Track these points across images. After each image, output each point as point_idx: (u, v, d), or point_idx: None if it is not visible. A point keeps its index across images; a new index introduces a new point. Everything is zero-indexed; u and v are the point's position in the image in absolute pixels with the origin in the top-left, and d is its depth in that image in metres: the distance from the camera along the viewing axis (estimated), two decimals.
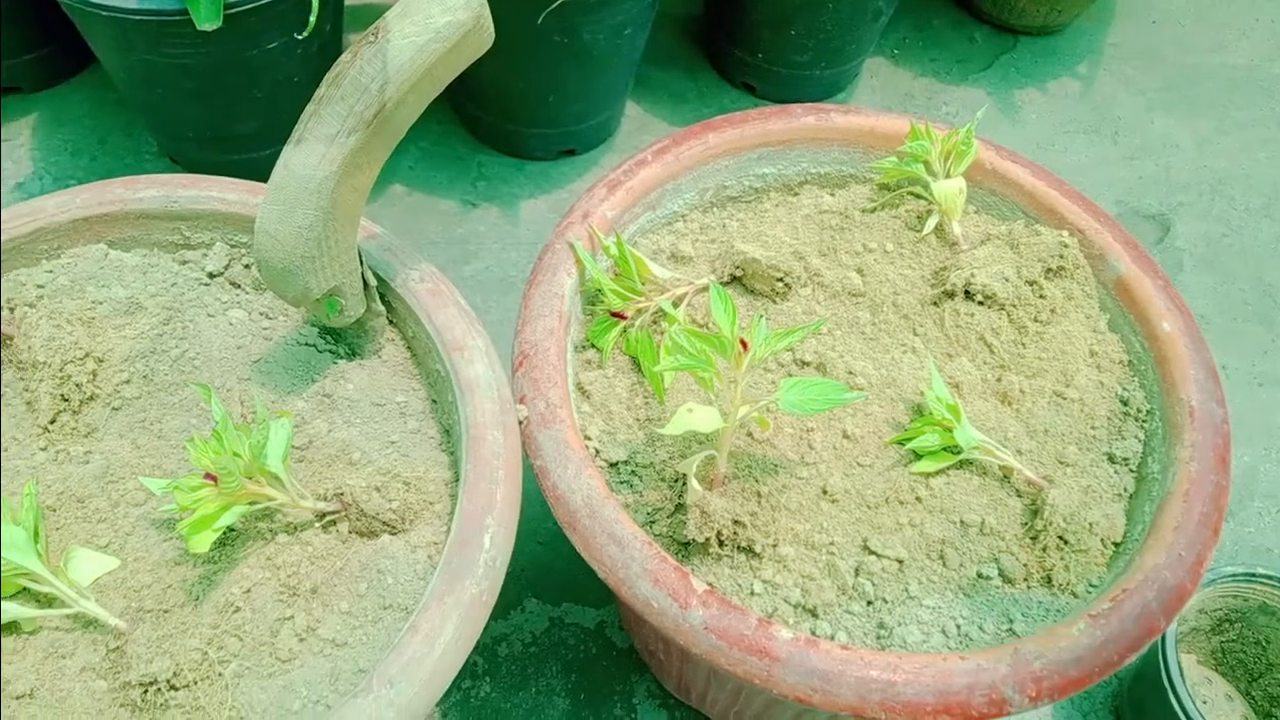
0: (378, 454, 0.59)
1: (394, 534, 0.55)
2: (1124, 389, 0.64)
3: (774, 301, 0.67)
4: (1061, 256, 0.67)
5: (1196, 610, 0.85)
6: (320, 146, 0.50)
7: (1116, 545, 0.58)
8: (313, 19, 0.73)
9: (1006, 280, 0.65)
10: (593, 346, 0.64)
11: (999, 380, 0.63)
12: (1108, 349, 0.66)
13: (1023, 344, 0.64)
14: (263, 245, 0.53)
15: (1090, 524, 0.57)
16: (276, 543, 0.54)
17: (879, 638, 0.54)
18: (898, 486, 0.59)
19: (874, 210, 0.72)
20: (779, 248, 0.69)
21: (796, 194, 0.75)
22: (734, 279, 0.68)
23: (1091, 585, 0.57)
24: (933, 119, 0.73)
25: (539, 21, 0.98)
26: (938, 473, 0.59)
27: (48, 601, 0.51)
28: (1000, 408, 0.62)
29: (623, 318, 0.62)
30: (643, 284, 0.63)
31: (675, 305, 0.65)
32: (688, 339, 0.53)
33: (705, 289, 0.67)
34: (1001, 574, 0.57)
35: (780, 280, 0.67)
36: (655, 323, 0.65)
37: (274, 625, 0.52)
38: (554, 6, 0.96)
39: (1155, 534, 0.56)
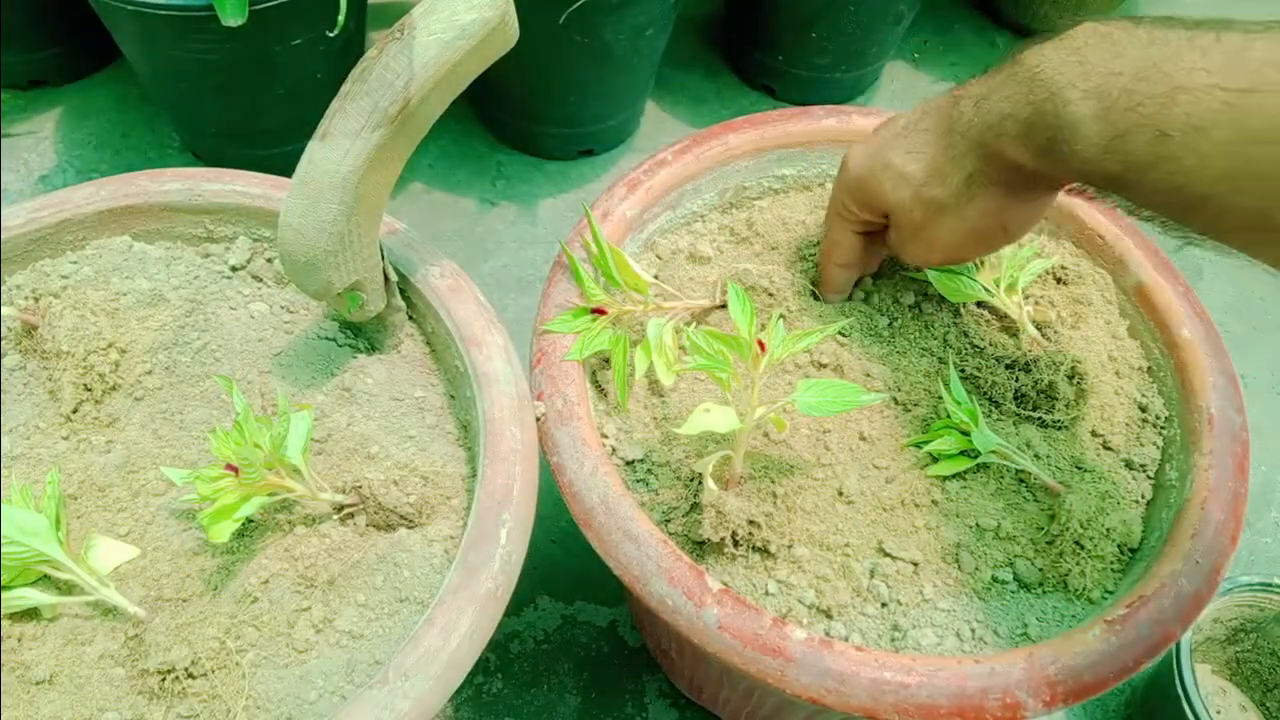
0: (396, 448, 0.59)
1: (411, 527, 0.56)
2: (1143, 395, 0.64)
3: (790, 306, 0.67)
4: (1064, 268, 0.67)
5: (1212, 619, 0.84)
6: (345, 141, 0.50)
7: (1133, 552, 0.58)
8: (342, 18, 0.73)
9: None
10: (546, 331, 0.63)
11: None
12: (1127, 355, 0.66)
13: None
14: (286, 239, 0.54)
15: (1107, 530, 0.57)
16: (295, 534, 0.55)
17: (893, 640, 0.54)
18: (914, 489, 0.59)
19: None
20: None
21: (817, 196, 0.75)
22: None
23: (1107, 591, 0.56)
24: None
25: (560, 21, 0.98)
26: (954, 476, 0.59)
27: (68, 589, 0.52)
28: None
29: (602, 313, 0.62)
30: (626, 285, 0.63)
31: (675, 325, 0.64)
32: (706, 339, 0.54)
33: (705, 309, 0.66)
34: (1017, 578, 0.56)
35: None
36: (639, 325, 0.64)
37: (291, 616, 0.52)
38: (576, 6, 0.96)
39: (1172, 541, 0.55)
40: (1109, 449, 0.62)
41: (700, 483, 0.57)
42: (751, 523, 0.55)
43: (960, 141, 0.54)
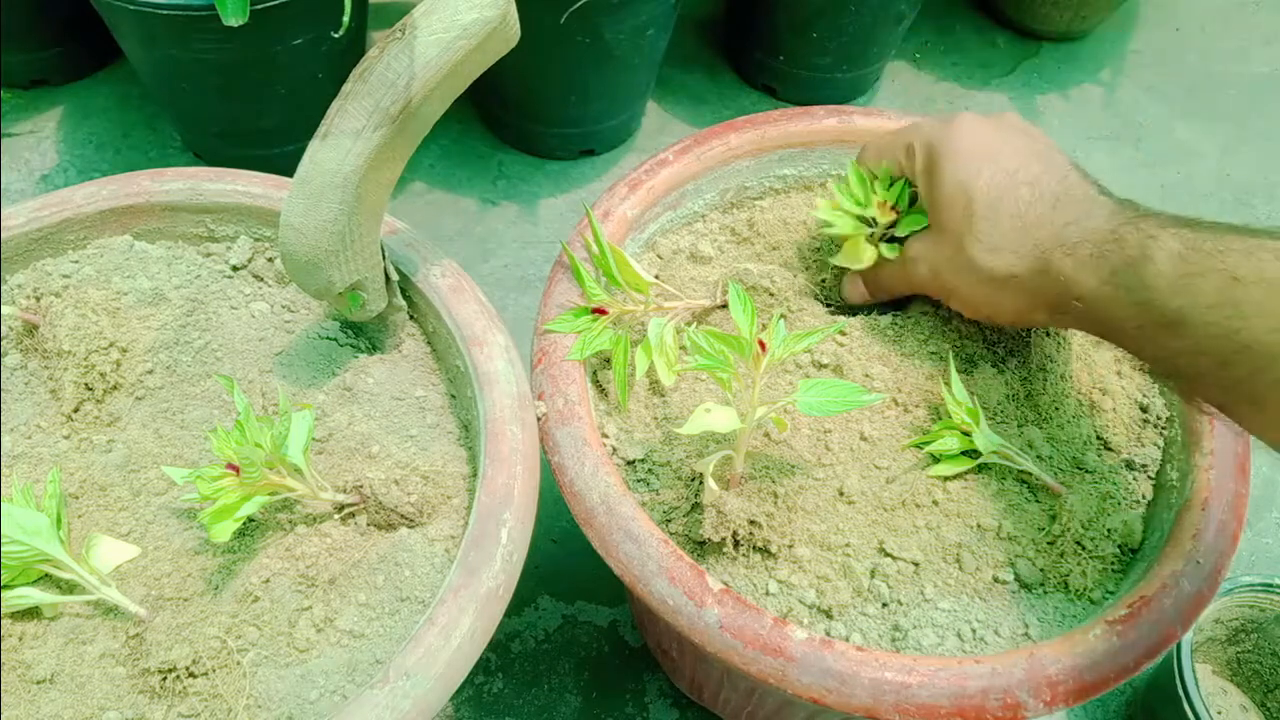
0: (397, 447, 0.59)
1: (412, 527, 0.56)
2: (1144, 396, 0.64)
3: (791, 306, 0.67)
4: None
5: (1213, 620, 0.84)
6: (346, 141, 0.50)
7: (1134, 552, 0.58)
8: (346, 18, 0.73)
9: None
10: (547, 331, 0.63)
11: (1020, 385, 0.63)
12: (1128, 355, 0.65)
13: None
14: (287, 238, 0.54)
15: (1108, 530, 0.57)
16: (296, 534, 0.55)
17: (894, 640, 0.54)
18: (915, 489, 0.59)
19: None
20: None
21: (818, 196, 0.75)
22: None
23: (1109, 591, 0.56)
24: None
25: (561, 21, 0.98)
26: (955, 476, 0.59)
27: (69, 588, 0.52)
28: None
29: (603, 312, 0.62)
30: (627, 285, 0.63)
31: (676, 324, 0.64)
32: (706, 339, 0.53)
33: (705, 309, 0.66)
34: (1018, 578, 0.56)
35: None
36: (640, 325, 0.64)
37: (292, 615, 0.52)
38: (577, 6, 0.96)
39: (1173, 541, 0.55)
40: (1110, 449, 0.62)
41: (701, 482, 0.57)
42: (752, 522, 0.55)
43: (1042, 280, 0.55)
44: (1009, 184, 0.56)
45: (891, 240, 0.64)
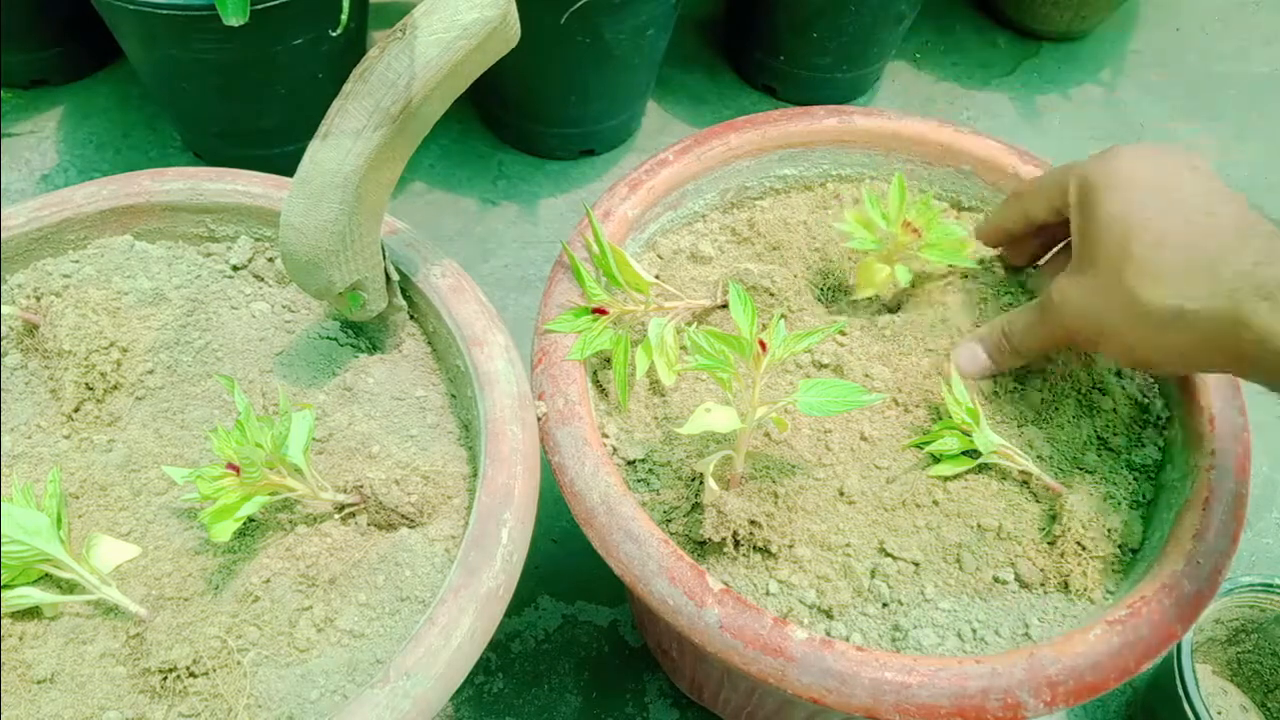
0: (397, 447, 0.59)
1: (412, 527, 0.56)
2: (1144, 396, 0.64)
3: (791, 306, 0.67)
4: None
5: (1213, 620, 0.84)
6: (347, 141, 0.50)
7: (1134, 552, 0.58)
8: (344, 17, 0.73)
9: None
10: (547, 331, 0.63)
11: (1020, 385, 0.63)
12: None
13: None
14: (288, 238, 0.54)
15: (1108, 530, 0.57)
16: (296, 534, 0.55)
17: (894, 640, 0.54)
18: (915, 489, 0.59)
19: None
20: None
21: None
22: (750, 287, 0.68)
23: (1109, 591, 0.56)
24: (954, 123, 0.73)
25: (562, 21, 0.98)
26: (956, 476, 0.59)
27: (69, 588, 0.52)
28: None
29: (603, 312, 0.62)
30: (628, 284, 0.62)
31: (677, 323, 0.64)
32: (707, 339, 0.54)
33: (706, 309, 0.66)
34: (1018, 578, 0.56)
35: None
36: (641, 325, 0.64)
37: (293, 615, 0.52)
38: (577, 6, 0.96)
39: (1174, 541, 0.55)
40: (1110, 450, 0.62)
41: (701, 482, 0.57)
42: (752, 522, 0.55)
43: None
44: (1177, 215, 0.51)
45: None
